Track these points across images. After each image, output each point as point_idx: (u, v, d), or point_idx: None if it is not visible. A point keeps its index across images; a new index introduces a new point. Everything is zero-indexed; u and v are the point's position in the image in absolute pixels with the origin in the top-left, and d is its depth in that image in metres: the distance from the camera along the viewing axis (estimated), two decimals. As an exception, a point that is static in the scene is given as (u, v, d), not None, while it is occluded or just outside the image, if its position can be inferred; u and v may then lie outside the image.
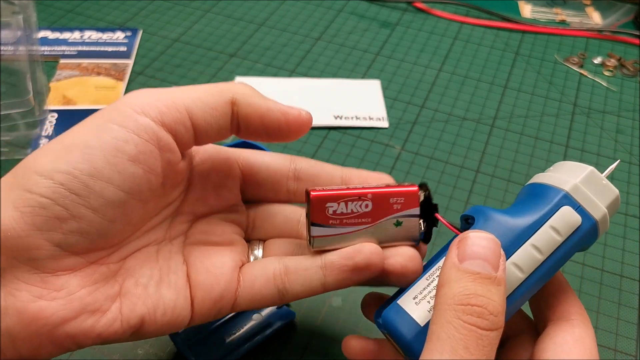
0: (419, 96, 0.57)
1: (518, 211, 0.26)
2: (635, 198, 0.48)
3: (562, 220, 0.25)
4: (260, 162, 0.31)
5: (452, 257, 0.24)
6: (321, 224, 0.27)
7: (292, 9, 0.67)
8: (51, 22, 0.62)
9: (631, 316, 0.40)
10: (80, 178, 0.23)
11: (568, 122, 0.55)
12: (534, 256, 0.25)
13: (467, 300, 0.22)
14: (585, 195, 0.26)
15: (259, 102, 0.28)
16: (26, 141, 0.49)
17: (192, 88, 0.27)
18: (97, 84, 0.55)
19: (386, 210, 0.28)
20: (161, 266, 0.27)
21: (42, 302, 0.22)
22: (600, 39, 0.66)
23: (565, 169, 0.28)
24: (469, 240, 0.24)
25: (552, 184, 0.27)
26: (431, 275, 0.26)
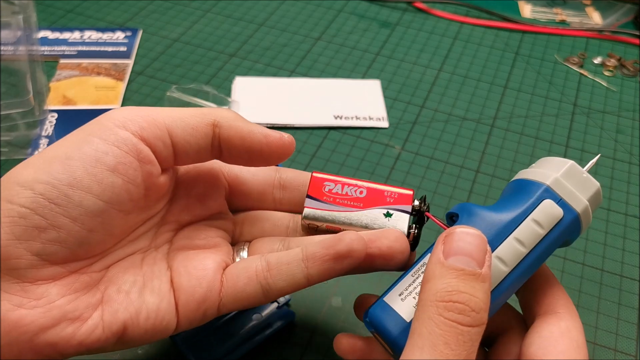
0: (419, 96, 0.57)
1: (501, 207, 0.27)
2: (635, 198, 0.48)
3: (543, 213, 0.26)
4: (245, 172, 0.32)
5: (438, 253, 0.24)
6: (316, 197, 0.29)
7: (292, 9, 0.67)
8: (51, 22, 0.62)
9: (631, 316, 0.40)
10: (60, 188, 0.23)
11: (568, 122, 0.55)
12: (518, 249, 0.26)
13: (449, 296, 0.22)
14: (566, 188, 0.26)
15: (241, 124, 0.28)
16: (26, 141, 0.49)
17: (176, 109, 0.27)
18: (97, 84, 0.55)
19: (379, 200, 0.29)
20: (145, 272, 0.28)
21: (21, 310, 0.23)
22: (600, 39, 0.66)
23: (548, 164, 0.28)
24: (454, 236, 0.24)
25: (534, 179, 0.27)
26: (417, 271, 0.27)
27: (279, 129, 0.53)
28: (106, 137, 0.25)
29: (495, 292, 0.25)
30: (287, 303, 0.39)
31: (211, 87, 0.53)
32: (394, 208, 0.29)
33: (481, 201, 0.47)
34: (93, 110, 0.53)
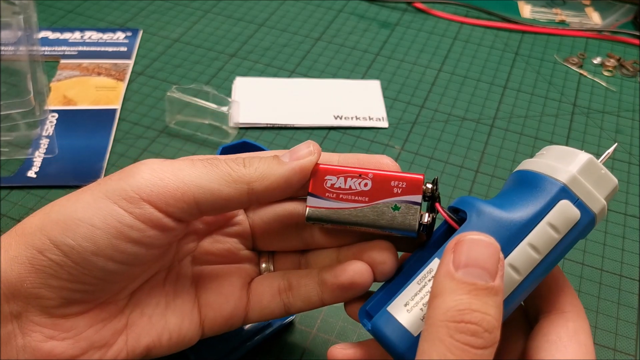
0: (418, 96, 0.57)
1: (511, 203, 0.24)
2: (635, 198, 0.48)
3: (560, 216, 0.24)
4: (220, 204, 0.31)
5: (448, 264, 0.22)
6: (318, 195, 0.27)
7: (292, 10, 0.67)
8: (52, 23, 0.63)
9: (631, 316, 0.40)
10: (84, 255, 0.24)
11: (567, 122, 0.55)
12: (532, 256, 0.24)
13: (460, 316, 0.21)
14: (584, 187, 0.24)
15: (276, 177, 0.26)
16: (27, 141, 0.49)
17: (205, 172, 0.26)
18: (98, 84, 0.55)
19: (385, 192, 0.27)
20: (167, 292, 0.29)
21: (53, 342, 0.25)
22: (599, 39, 0.66)
23: (558, 155, 0.25)
24: (465, 245, 0.22)
25: (547, 174, 0.24)
26: (422, 279, 0.24)
27: (279, 128, 0.53)
28: (131, 210, 0.25)
29: (506, 302, 0.23)
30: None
31: (211, 87, 0.53)
32: (402, 200, 0.26)
33: (481, 201, 0.47)
34: (93, 110, 0.53)
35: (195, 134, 0.51)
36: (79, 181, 0.47)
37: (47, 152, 0.49)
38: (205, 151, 0.50)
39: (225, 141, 0.51)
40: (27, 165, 0.47)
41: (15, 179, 0.46)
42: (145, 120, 0.53)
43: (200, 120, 0.52)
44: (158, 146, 0.50)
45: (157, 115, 0.53)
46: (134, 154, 0.49)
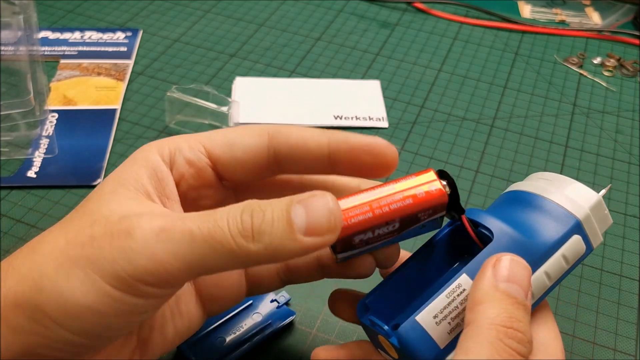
0: (418, 96, 0.57)
1: (530, 229, 0.26)
2: (635, 198, 0.48)
3: (572, 249, 0.26)
4: (236, 146, 0.27)
5: (489, 277, 0.23)
6: (347, 250, 0.26)
7: (292, 10, 0.67)
8: (52, 23, 0.63)
9: (630, 316, 0.40)
10: (89, 335, 0.23)
11: (567, 122, 0.55)
12: (544, 283, 0.25)
13: (510, 323, 0.22)
14: (592, 225, 0.26)
15: (288, 256, 0.23)
16: (26, 141, 0.49)
17: (206, 248, 0.22)
18: (98, 84, 0.55)
19: (413, 222, 0.26)
20: (169, 302, 0.28)
21: None
22: (599, 39, 0.66)
23: (569, 188, 0.27)
24: (504, 263, 0.23)
25: (565, 207, 0.26)
26: (451, 293, 0.25)
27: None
28: (132, 292, 0.22)
29: None
30: (287, 303, 0.39)
31: (211, 87, 0.53)
32: (428, 221, 0.26)
33: (480, 201, 0.47)
34: (93, 111, 0.53)
35: (195, 134, 0.51)
36: (79, 181, 0.47)
37: (47, 152, 0.49)
38: (205, 151, 0.50)
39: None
40: (27, 165, 0.47)
41: (15, 179, 0.46)
42: (145, 120, 0.53)
43: (200, 120, 0.52)
44: (158, 146, 0.50)
45: (157, 115, 0.53)
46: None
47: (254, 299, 0.38)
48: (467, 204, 0.47)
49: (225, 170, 0.27)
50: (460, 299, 0.25)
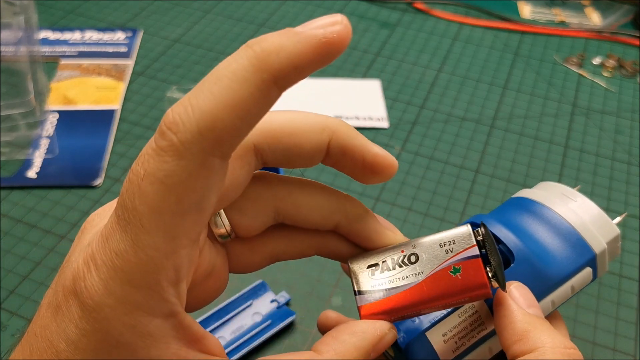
0: (419, 96, 0.57)
1: (547, 255, 0.26)
2: (635, 198, 0.48)
3: (581, 280, 0.26)
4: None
5: (517, 307, 0.23)
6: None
7: (292, 10, 0.67)
8: (52, 23, 0.63)
9: (630, 316, 0.40)
10: None
11: (567, 122, 0.55)
12: (548, 310, 0.26)
13: (568, 343, 0.22)
14: (604, 259, 0.26)
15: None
16: (27, 142, 0.49)
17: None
18: (98, 85, 0.56)
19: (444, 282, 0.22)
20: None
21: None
22: (599, 39, 0.66)
23: (592, 216, 0.27)
24: (515, 293, 0.24)
25: (585, 239, 0.26)
26: (464, 312, 0.24)
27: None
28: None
29: None
30: (287, 303, 0.39)
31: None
32: (458, 260, 0.22)
33: (480, 201, 0.47)
34: (94, 111, 0.53)
35: (196, 134, 0.51)
36: (79, 181, 0.47)
37: (48, 153, 0.49)
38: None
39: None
40: (27, 165, 0.47)
41: (15, 179, 0.46)
42: (146, 120, 0.53)
43: (201, 121, 0.52)
44: (158, 146, 0.50)
45: (157, 116, 0.53)
46: (134, 154, 0.49)
47: (254, 299, 0.38)
48: (467, 204, 0.47)
49: (237, 255, 0.24)
50: (471, 320, 0.25)
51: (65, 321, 0.18)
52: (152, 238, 0.17)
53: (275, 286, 0.40)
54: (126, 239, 0.17)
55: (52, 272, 0.41)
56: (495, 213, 0.28)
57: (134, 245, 0.17)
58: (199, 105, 0.17)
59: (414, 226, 0.45)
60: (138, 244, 0.17)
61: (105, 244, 0.18)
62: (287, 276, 0.41)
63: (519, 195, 0.28)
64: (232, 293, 0.39)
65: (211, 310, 0.37)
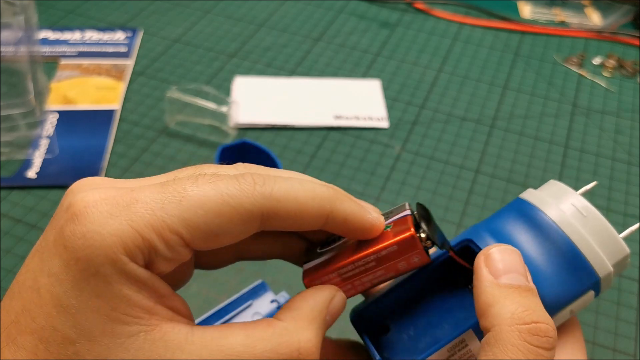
0: (419, 96, 0.57)
1: (546, 279, 0.23)
2: (635, 198, 0.48)
3: (582, 304, 0.24)
4: (221, 237, 0.22)
5: (486, 276, 0.21)
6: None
7: (292, 10, 0.67)
8: (52, 23, 0.63)
9: (630, 316, 0.40)
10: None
11: (567, 122, 0.55)
12: None
13: (529, 317, 0.20)
14: (609, 280, 0.24)
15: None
16: (27, 141, 0.49)
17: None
18: (98, 85, 0.56)
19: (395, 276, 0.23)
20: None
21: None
22: (599, 39, 0.66)
23: (602, 236, 0.24)
24: (494, 256, 0.22)
25: (591, 263, 0.24)
26: (453, 347, 0.23)
27: (279, 128, 0.53)
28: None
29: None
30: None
31: (211, 87, 0.53)
32: (390, 220, 0.23)
33: (480, 201, 0.47)
34: (93, 111, 0.53)
35: (195, 134, 0.51)
36: (79, 181, 0.47)
37: (48, 153, 0.49)
38: (205, 151, 0.50)
39: (225, 141, 0.51)
40: (27, 165, 0.47)
41: (15, 179, 0.46)
42: (145, 120, 0.53)
43: (200, 121, 0.52)
44: (158, 146, 0.50)
45: (157, 116, 0.53)
46: (134, 154, 0.49)
47: (254, 299, 0.38)
48: (467, 204, 0.47)
49: (202, 255, 0.24)
50: (461, 354, 0.23)
51: (50, 256, 0.19)
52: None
53: (275, 286, 0.40)
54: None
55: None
56: (493, 221, 0.26)
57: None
58: None
59: (414, 226, 0.45)
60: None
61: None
62: (287, 276, 0.41)
63: (524, 197, 0.26)
64: (232, 293, 0.39)
65: (211, 311, 0.37)
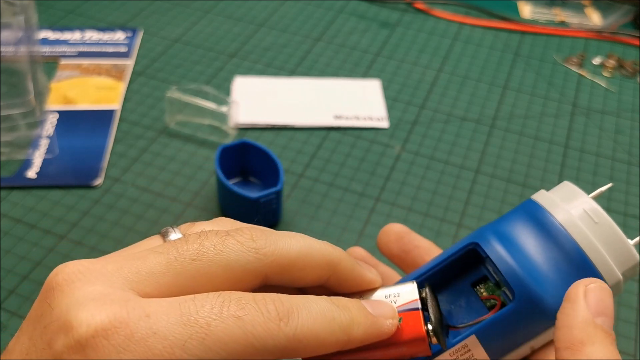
0: (419, 96, 0.57)
1: (554, 294, 0.23)
2: (635, 198, 0.48)
3: None
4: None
5: (584, 311, 0.21)
6: None
7: (292, 10, 0.67)
8: (52, 23, 0.63)
9: (630, 316, 0.40)
10: None
11: (567, 122, 0.55)
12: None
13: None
14: (618, 288, 0.24)
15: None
16: (27, 142, 0.49)
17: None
18: (98, 85, 0.56)
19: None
20: None
21: None
22: (599, 39, 0.66)
23: (606, 237, 0.24)
24: (594, 293, 0.22)
25: (599, 269, 0.24)
26: (455, 352, 0.23)
27: (279, 128, 0.53)
28: None
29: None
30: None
31: (211, 87, 0.53)
32: (399, 310, 0.23)
33: (480, 201, 0.47)
34: (93, 111, 0.53)
35: (195, 134, 0.51)
36: (79, 181, 0.47)
37: (48, 153, 0.49)
38: (205, 151, 0.50)
39: (225, 141, 0.51)
40: (27, 165, 0.47)
41: (15, 179, 0.46)
42: (145, 120, 0.53)
43: (200, 121, 0.52)
44: (158, 146, 0.50)
45: (157, 116, 0.53)
46: (134, 154, 0.49)
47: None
48: (467, 204, 0.47)
49: None
50: (463, 359, 0.23)
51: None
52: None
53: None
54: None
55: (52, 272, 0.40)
56: (502, 223, 0.25)
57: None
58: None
59: (413, 226, 0.45)
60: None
61: None
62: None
63: (536, 198, 0.25)
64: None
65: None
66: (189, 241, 0.20)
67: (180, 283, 0.19)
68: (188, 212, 0.45)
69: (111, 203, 0.45)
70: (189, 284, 0.19)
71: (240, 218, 0.24)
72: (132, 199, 0.46)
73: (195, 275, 0.19)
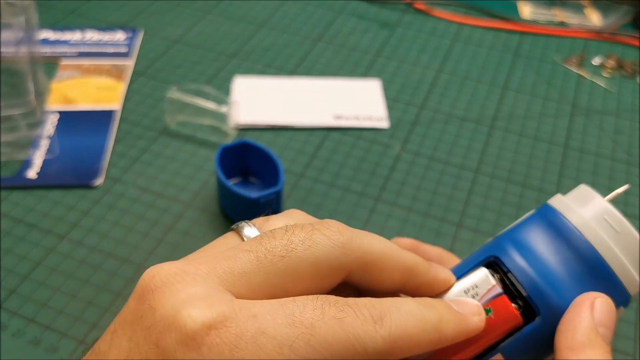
0: (419, 96, 0.57)
1: (569, 292, 0.23)
2: (635, 198, 0.49)
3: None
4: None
5: (590, 319, 0.22)
6: None
7: (292, 10, 0.67)
8: (52, 23, 0.63)
9: (631, 316, 0.40)
10: None
11: (567, 122, 0.55)
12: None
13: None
14: (637, 294, 0.24)
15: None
16: (27, 142, 0.49)
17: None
18: (98, 85, 0.56)
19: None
20: None
21: None
22: (599, 40, 0.66)
23: (628, 245, 0.24)
24: (600, 307, 0.22)
25: (623, 283, 0.24)
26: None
27: (279, 129, 0.53)
28: None
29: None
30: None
31: (211, 87, 0.53)
32: (485, 301, 0.24)
33: (480, 201, 0.47)
34: (94, 111, 0.53)
35: (195, 134, 0.51)
36: (79, 182, 0.47)
37: (48, 153, 0.49)
38: (205, 151, 0.50)
39: (225, 141, 0.51)
40: (27, 165, 0.47)
41: (15, 179, 0.46)
42: (146, 120, 0.53)
43: (200, 121, 0.52)
44: (158, 146, 0.50)
45: (157, 116, 0.53)
46: (134, 154, 0.49)
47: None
48: (467, 205, 0.47)
49: None
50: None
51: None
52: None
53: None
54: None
55: (52, 272, 0.41)
56: (519, 231, 0.25)
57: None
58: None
59: (414, 226, 0.45)
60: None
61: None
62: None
63: (552, 204, 0.25)
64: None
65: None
66: (276, 237, 0.20)
67: (271, 281, 0.19)
68: (188, 212, 0.45)
69: (111, 203, 0.45)
70: (278, 282, 0.19)
71: (240, 218, 0.24)
72: (132, 199, 0.46)
73: (284, 272, 0.19)
